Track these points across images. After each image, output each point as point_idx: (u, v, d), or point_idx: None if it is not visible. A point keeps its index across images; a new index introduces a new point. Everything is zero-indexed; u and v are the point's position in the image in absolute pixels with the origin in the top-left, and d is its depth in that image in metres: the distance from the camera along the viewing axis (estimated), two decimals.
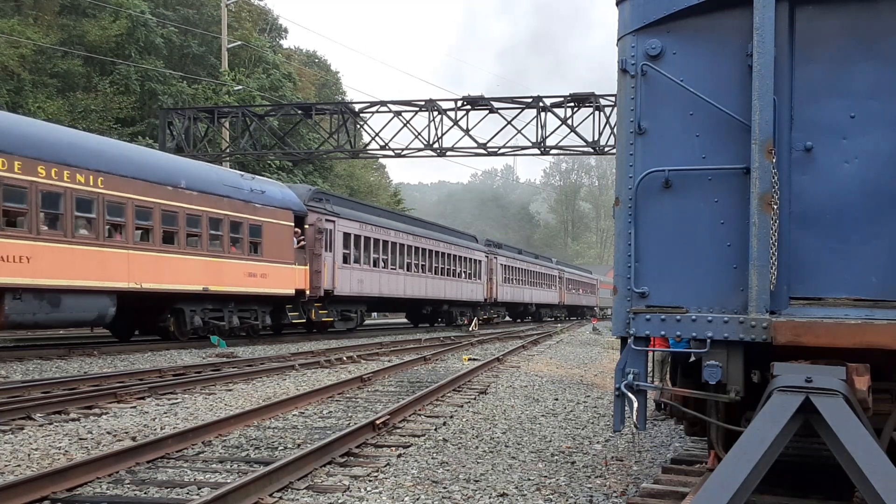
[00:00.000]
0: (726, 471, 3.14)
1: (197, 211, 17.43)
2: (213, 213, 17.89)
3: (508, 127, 25.80)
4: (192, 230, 17.30)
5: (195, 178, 17.83)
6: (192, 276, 17.24)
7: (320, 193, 23.90)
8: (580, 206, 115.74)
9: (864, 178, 3.75)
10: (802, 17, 3.85)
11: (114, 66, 30.69)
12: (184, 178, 17.35)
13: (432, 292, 30.22)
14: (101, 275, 14.80)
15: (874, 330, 3.49)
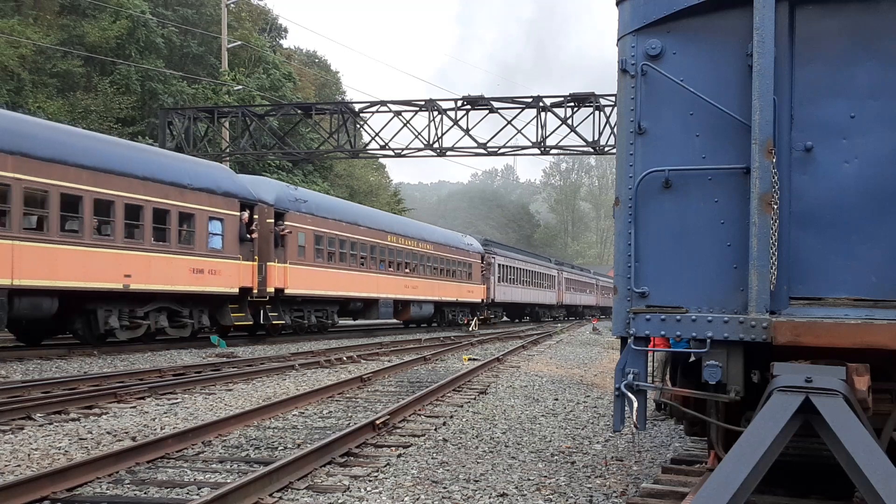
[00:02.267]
0: (726, 471, 3.14)
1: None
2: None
3: (508, 127, 25.81)
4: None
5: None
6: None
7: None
8: (580, 206, 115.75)
9: (864, 178, 3.75)
10: (802, 17, 3.85)
11: (114, 66, 30.70)
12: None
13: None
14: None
15: (874, 330, 3.49)
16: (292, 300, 21.08)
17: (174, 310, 17.07)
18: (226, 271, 18.04)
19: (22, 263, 12.97)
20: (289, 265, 20.44)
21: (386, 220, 28.82)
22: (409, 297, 28.29)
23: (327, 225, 22.69)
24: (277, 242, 20.05)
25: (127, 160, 15.60)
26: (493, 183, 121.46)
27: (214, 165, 20.24)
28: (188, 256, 16.90)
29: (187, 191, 16.94)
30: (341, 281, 23.31)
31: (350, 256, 24.05)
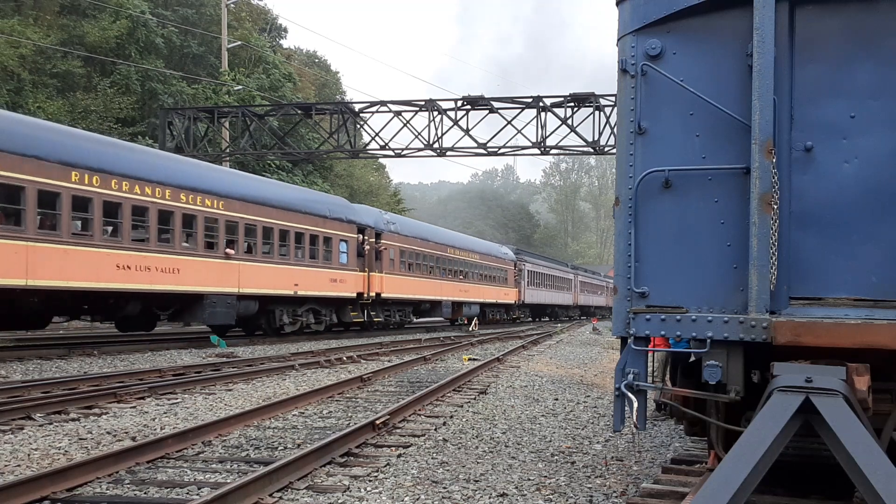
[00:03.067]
0: (726, 471, 3.14)
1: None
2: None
3: (508, 127, 25.82)
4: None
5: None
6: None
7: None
8: (580, 206, 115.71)
9: (864, 178, 3.75)
10: (802, 17, 3.85)
11: (114, 66, 30.70)
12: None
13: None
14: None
15: (874, 330, 3.49)
16: (385, 302, 26.57)
17: (317, 309, 22.59)
18: (349, 280, 23.79)
19: (241, 277, 19.04)
20: (385, 275, 26.10)
21: (447, 235, 34.72)
22: (463, 299, 33.67)
23: (408, 242, 28.54)
24: (377, 257, 25.70)
25: (297, 200, 21.96)
26: (493, 183, 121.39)
27: (340, 200, 26.40)
28: (328, 269, 22.66)
29: (328, 220, 22.82)
30: (418, 286, 29.17)
31: (423, 267, 29.90)
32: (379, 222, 26.37)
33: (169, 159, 18.27)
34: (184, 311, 18.27)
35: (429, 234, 31.47)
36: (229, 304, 18.41)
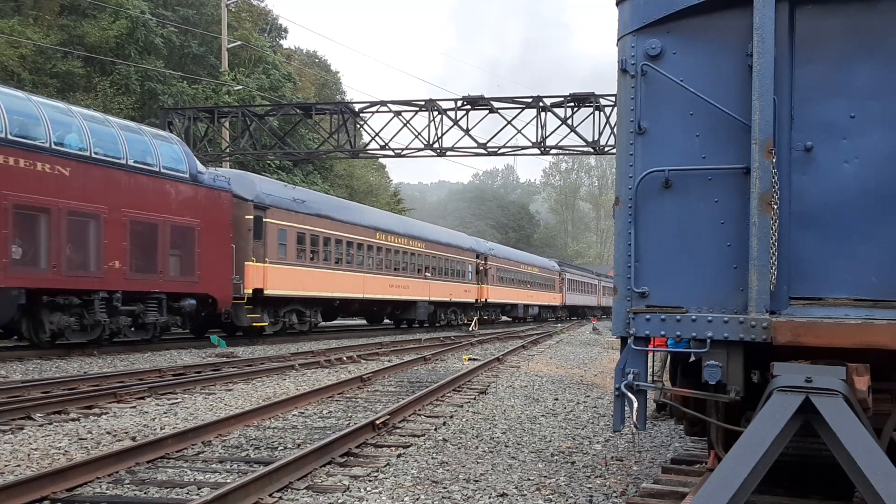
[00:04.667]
0: (726, 471, 3.14)
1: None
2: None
3: (508, 127, 25.81)
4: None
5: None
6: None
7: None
8: (580, 206, 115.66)
9: (864, 178, 3.75)
10: (802, 17, 3.85)
11: (114, 66, 30.69)
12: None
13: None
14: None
15: (874, 330, 3.49)
16: (491, 306, 38.62)
17: (457, 310, 34.54)
18: (472, 291, 35.89)
19: (431, 290, 30.55)
20: (489, 287, 37.62)
21: (521, 256, 46.39)
22: (530, 302, 45.35)
23: (501, 262, 40.31)
24: (485, 274, 37.24)
25: (450, 237, 34.83)
26: (493, 183, 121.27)
27: (467, 237, 39.33)
28: (463, 284, 35.00)
29: (463, 250, 35.53)
30: (506, 294, 40.35)
31: (508, 280, 41.07)
32: (483, 248, 38.59)
33: (401, 220, 32.38)
34: (406, 310, 29.72)
35: (512, 255, 43.96)
36: (426, 307, 30.40)
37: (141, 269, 15.86)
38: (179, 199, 16.94)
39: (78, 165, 14.39)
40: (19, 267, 13.34)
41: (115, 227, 15.16)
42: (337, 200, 27.79)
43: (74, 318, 14.60)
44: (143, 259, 15.93)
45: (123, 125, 16.54)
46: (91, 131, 14.85)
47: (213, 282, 17.83)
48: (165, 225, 16.50)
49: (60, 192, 14.03)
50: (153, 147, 16.42)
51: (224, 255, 18.29)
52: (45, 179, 13.71)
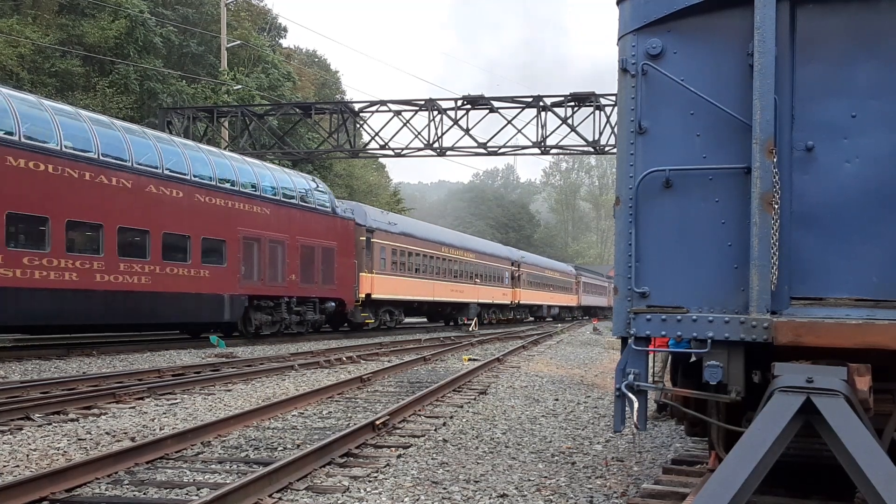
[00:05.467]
0: (727, 471, 3.13)
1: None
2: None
3: (509, 126, 25.81)
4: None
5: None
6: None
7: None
8: (580, 205, 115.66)
9: (865, 178, 3.74)
10: (803, 16, 3.84)
11: (113, 65, 30.66)
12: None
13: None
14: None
15: (875, 330, 3.48)
16: (522, 307, 44.78)
17: (496, 311, 40.64)
18: (507, 294, 41.99)
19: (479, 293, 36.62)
20: (521, 290, 43.74)
21: (546, 262, 52.53)
22: (553, 303, 51.04)
23: (531, 268, 46.16)
24: (518, 279, 43.45)
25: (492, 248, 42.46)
26: (493, 183, 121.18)
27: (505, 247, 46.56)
28: (501, 288, 40.93)
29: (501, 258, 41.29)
30: (534, 296, 46.71)
31: (534, 283, 46.76)
32: (518, 257, 44.59)
33: (456, 234, 39.59)
34: (461, 311, 34.90)
35: (538, 261, 50.36)
36: (475, 307, 35.64)
37: (305, 280, 21.61)
38: (325, 227, 22.88)
39: (273, 207, 20.54)
40: (244, 280, 19.17)
41: (292, 251, 21.05)
42: (414, 221, 35.48)
43: (269, 315, 20.23)
44: (306, 273, 21.65)
45: (294, 174, 23.64)
46: (281, 181, 21.43)
47: (344, 289, 23.78)
48: (319, 247, 22.34)
49: (265, 227, 20.03)
50: (311, 190, 22.79)
51: (350, 269, 24.27)
52: (257, 218, 19.82)
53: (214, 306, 18.25)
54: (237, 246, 18.80)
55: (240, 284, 18.90)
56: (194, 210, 17.67)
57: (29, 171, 13.71)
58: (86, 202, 14.78)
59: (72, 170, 14.50)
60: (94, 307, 14.99)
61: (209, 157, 19.02)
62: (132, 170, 16.00)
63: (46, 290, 13.83)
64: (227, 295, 18.59)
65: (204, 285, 17.82)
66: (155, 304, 16.48)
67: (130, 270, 15.70)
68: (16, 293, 13.28)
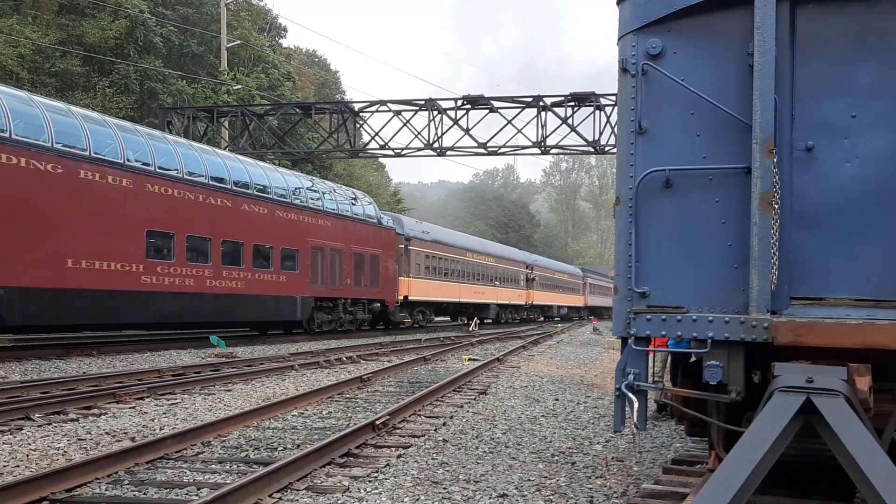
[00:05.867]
0: (727, 471, 3.13)
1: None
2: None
3: (509, 126, 25.80)
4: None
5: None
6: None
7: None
8: (580, 205, 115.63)
9: (866, 178, 3.74)
10: (803, 16, 3.84)
11: (113, 65, 30.66)
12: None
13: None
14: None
15: (875, 330, 3.48)
16: (536, 307, 48.03)
17: (512, 311, 43.58)
18: (522, 295, 44.72)
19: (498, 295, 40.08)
20: (535, 291, 47.11)
21: (556, 266, 55.88)
22: (562, 303, 54.46)
23: (542, 271, 49.47)
24: (531, 281, 46.61)
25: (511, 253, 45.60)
26: (493, 183, 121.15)
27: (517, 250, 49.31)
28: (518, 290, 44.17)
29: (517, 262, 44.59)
30: (546, 297, 49.85)
31: (546, 285, 50.08)
32: (531, 261, 47.87)
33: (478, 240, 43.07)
34: (482, 311, 37.76)
35: (549, 264, 53.52)
36: (495, 308, 39.48)
37: (357, 283, 24.75)
38: (373, 236, 26.16)
39: (333, 219, 23.72)
40: (312, 284, 22.13)
41: (347, 258, 24.24)
42: (443, 229, 38.50)
43: (328, 315, 23.37)
44: (357, 277, 24.81)
45: (346, 189, 26.89)
46: (339, 200, 24.74)
47: (387, 291, 26.95)
48: (367, 254, 25.54)
49: (327, 237, 23.21)
50: (361, 203, 26.32)
51: (392, 273, 27.49)
52: (321, 230, 22.92)
53: (289, 307, 21.15)
54: (307, 254, 21.94)
55: (308, 288, 21.96)
56: (275, 224, 20.65)
57: (161, 196, 16.65)
58: (198, 220, 17.73)
59: (190, 193, 17.58)
60: (205, 307, 18.00)
61: (284, 176, 22.33)
62: (231, 191, 18.99)
63: (171, 294, 16.74)
64: (300, 297, 21.62)
65: (282, 289, 20.85)
66: (247, 305, 19.47)
67: (230, 276, 18.74)
68: (153, 296, 16.21)
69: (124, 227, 15.57)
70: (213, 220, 18.16)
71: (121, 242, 15.48)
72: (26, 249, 13.39)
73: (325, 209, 23.30)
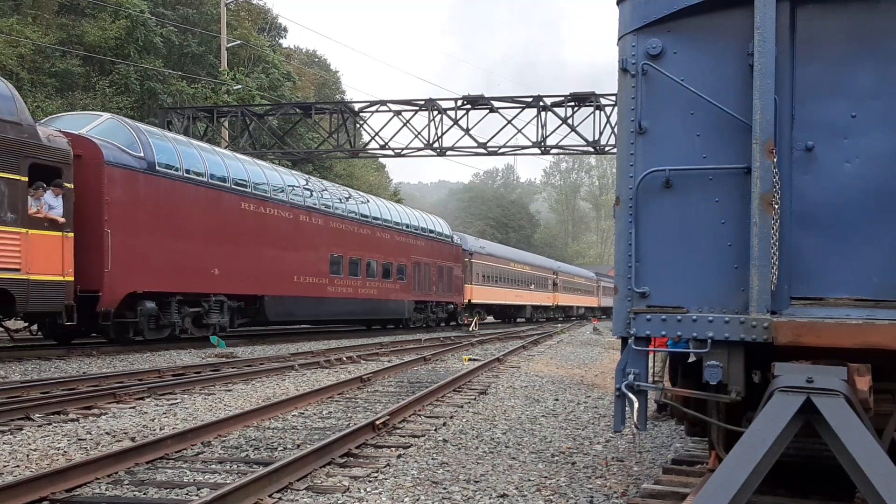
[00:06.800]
0: (727, 471, 3.13)
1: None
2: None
3: (509, 126, 25.81)
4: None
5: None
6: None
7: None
8: (580, 205, 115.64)
9: (866, 178, 3.74)
10: (803, 16, 3.84)
11: (113, 65, 30.66)
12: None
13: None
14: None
15: (875, 330, 3.48)
16: (560, 308, 54.40)
17: (541, 312, 48.77)
18: (549, 298, 51.26)
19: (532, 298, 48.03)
20: (559, 294, 53.65)
21: (573, 270, 63.08)
22: (579, 304, 61.15)
23: (565, 276, 55.69)
24: (557, 286, 52.85)
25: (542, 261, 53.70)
26: (493, 183, 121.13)
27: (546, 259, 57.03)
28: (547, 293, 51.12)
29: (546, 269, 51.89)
30: (568, 299, 56.43)
31: (569, 288, 56.89)
32: (556, 267, 54.13)
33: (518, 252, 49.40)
34: (520, 312, 45.34)
35: (571, 270, 61.20)
36: (531, 309, 45.68)
37: (439, 290, 31.77)
38: (448, 252, 33.21)
39: (425, 240, 30.99)
40: (414, 290, 29.20)
41: (434, 269, 31.22)
42: (493, 244, 46.85)
43: (421, 314, 30.05)
44: (439, 285, 31.84)
45: (430, 216, 33.77)
46: (428, 221, 32.19)
47: (458, 296, 34.23)
48: (445, 266, 32.64)
49: (422, 253, 30.20)
50: (441, 225, 33.49)
51: (460, 281, 34.63)
52: (419, 248, 29.99)
53: (401, 308, 28.29)
54: (411, 268, 29.00)
55: (412, 293, 28.88)
56: (393, 245, 27.71)
57: (337, 229, 23.69)
58: (355, 245, 24.70)
59: (351, 226, 24.65)
60: (358, 308, 25.44)
61: (396, 208, 30.46)
62: (371, 223, 26.16)
63: (342, 299, 23.83)
64: (406, 300, 28.52)
65: (398, 294, 27.91)
66: (378, 307, 26.79)
67: (370, 286, 25.71)
68: (333, 300, 23.38)
69: (319, 252, 22.51)
70: (362, 244, 25.17)
71: (318, 264, 22.39)
72: (276, 271, 20.18)
73: (421, 232, 30.60)
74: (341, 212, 24.14)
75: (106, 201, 14.85)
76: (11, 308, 12.82)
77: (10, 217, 12.54)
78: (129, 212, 15.42)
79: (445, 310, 32.57)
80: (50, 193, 13.31)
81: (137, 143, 16.03)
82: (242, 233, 18.87)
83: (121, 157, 15.42)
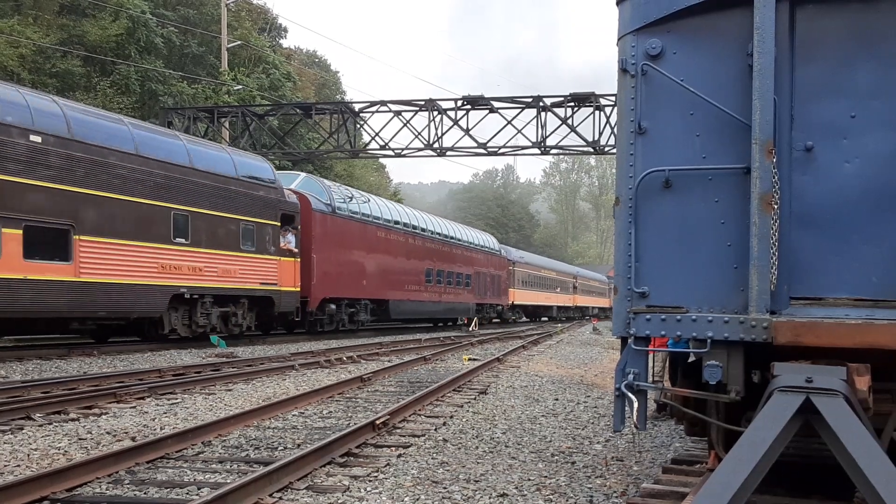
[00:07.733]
0: (727, 471, 3.14)
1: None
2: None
3: (508, 127, 25.81)
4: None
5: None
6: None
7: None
8: (580, 205, 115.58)
9: (865, 178, 3.75)
10: (803, 16, 3.85)
11: (114, 66, 30.67)
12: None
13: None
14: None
15: (875, 330, 3.49)
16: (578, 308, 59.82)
17: (563, 311, 54.91)
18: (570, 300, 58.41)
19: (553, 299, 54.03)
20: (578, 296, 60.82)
21: (590, 274, 68.19)
22: (594, 305, 65.80)
23: (582, 280, 61.97)
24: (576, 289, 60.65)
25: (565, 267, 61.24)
26: (493, 183, 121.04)
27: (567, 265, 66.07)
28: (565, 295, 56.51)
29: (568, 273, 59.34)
30: (585, 301, 61.85)
31: (586, 291, 62.17)
32: (575, 272, 60.21)
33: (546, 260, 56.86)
34: (546, 311, 50.95)
35: (587, 274, 66.86)
36: (556, 309, 51.75)
37: (492, 293, 38.56)
38: (496, 262, 39.78)
39: (482, 253, 37.41)
40: (476, 295, 35.78)
41: (488, 277, 37.87)
42: (529, 254, 53.23)
43: (479, 314, 35.43)
44: (491, 290, 38.32)
45: (484, 234, 41.66)
46: (482, 238, 39.22)
47: (504, 298, 40.60)
48: (494, 274, 39.10)
49: (480, 264, 36.81)
50: (493, 242, 40.57)
51: (506, 285, 41.05)
52: (478, 260, 36.55)
53: (468, 309, 34.78)
54: (474, 276, 35.55)
55: (475, 297, 35.51)
56: (462, 258, 34.25)
57: (428, 248, 30.60)
58: (439, 259, 31.43)
59: (437, 245, 31.38)
60: (439, 309, 31.92)
61: (461, 227, 37.34)
62: (448, 241, 32.75)
63: (431, 302, 30.69)
64: (472, 303, 35.27)
65: (467, 298, 34.73)
66: (454, 308, 33.50)
67: (449, 291, 32.45)
68: (427, 303, 30.25)
69: (419, 266, 29.46)
70: (443, 259, 31.78)
71: (418, 275, 29.36)
72: (396, 281, 27.21)
73: (479, 247, 37.03)
74: (429, 234, 31.01)
75: (313, 236, 21.75)
76: (272, 309, 19.91)
77: (272, 249, 19.91)
78: (323, 242, 22.31)
79: (495, 310, 39.84)
80: (290, 233, 20.51)
81: (326, 193, 23.31)
82: (378, 253, 25.85)
83: (318, 205, 22.37)
